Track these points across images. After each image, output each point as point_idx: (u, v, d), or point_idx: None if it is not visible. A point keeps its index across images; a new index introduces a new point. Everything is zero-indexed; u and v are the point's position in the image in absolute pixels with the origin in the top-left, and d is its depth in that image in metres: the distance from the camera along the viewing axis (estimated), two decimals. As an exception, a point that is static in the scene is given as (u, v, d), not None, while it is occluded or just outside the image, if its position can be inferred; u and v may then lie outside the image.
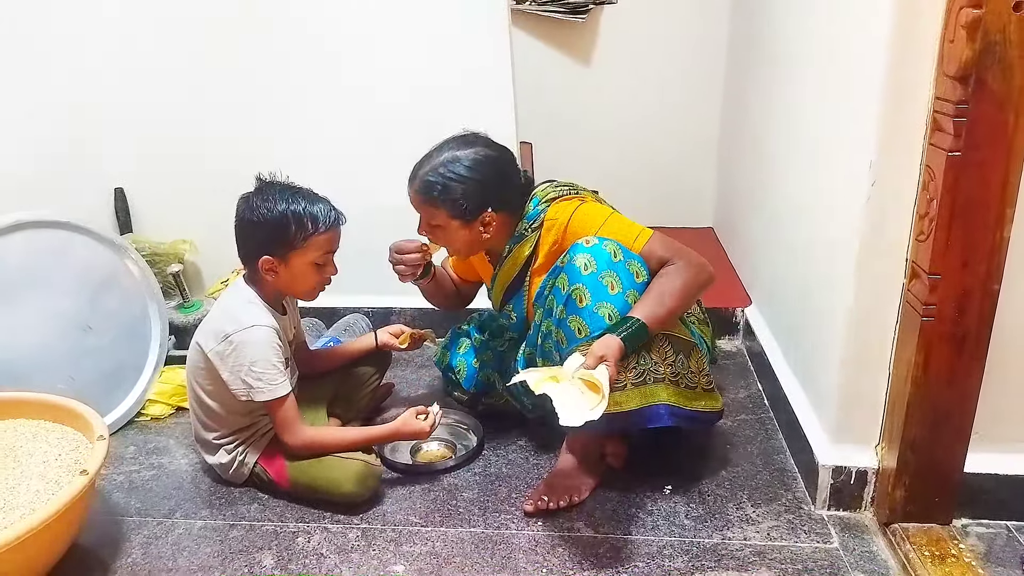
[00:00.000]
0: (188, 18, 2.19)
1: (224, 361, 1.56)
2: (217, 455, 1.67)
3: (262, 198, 1.57)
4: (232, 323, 1.57)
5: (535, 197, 1.68)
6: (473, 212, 1.61)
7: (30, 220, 1.82)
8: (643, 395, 1.53)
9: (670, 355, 1.55)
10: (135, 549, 1.52)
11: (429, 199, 1.60)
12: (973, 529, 1.47)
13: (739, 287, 2.42)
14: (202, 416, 1.67)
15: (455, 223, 1.62)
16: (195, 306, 2.24)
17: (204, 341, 1.60)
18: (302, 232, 1.56)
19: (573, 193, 1.69)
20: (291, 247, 1.56)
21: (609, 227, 1.58)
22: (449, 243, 1.68)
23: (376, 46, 2.17)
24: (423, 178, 1.60)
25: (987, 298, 1.30)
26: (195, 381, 1.65)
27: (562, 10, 2.85)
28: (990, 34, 1.15)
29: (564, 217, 1.62)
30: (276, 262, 1.58)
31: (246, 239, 1.60)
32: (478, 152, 1.61)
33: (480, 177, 1.59)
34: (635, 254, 1.55)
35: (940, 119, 1.25)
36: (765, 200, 2.20)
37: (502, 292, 1.76)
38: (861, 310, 1.44)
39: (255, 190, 1.60)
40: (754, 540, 1.48)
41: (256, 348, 1.55)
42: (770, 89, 2.17)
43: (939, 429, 1.40)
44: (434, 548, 1.49)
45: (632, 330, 1.46)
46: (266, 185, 1.60)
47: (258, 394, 1.55)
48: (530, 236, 1.66)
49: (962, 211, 1.25)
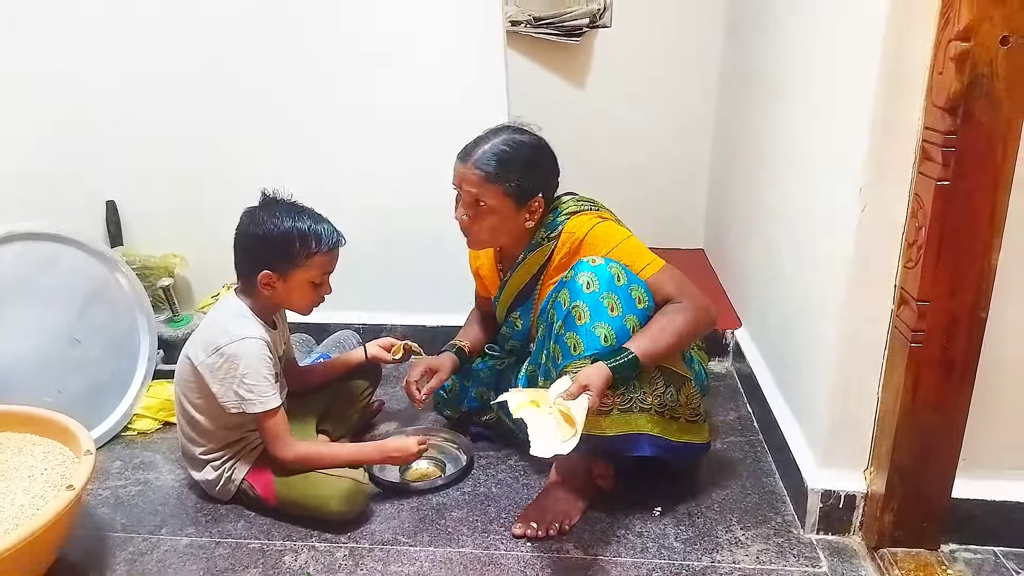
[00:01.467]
0: (182, 32, 2.20)
1: (214, 374, 1.55)
2: (204, 471, 1.66)
3: (268, 213, 1.58)
4: (223, 335, 1.56)
5: (556, 208, 1.68)
6: (526, 195, 1.61)
7: (21, 232, 1.81)
8: (627, 423, 1.54)
9: (660, 387, 1.56)
10: (120, 565, 1.51)
11: (488, 175, 1.57)
12: (961, 555, 1.48)
13: (729, 309, 2.44)
14: (189, 431, 1.66)
15: (508, 204, 1.60)
16: (185, 320, 2.23)
17: (194, 354, 1.59)
18: (305, 250, 1.57)
19: (593, 209, 1.69)
20: (293, 264, 1.58)
21: (622, 250, 1.59)
22: (491, 227, 1.63)
23: (372, 65, 2.18)
24: (486, 153, 1.57)
25: (975, 325, 1.32)
26: (183, 395, 1.64)
27: (557, 33, 2.88)
28: (978, 67, 1.18)
29: (581, 232, 1.62)
30: (276, 277, 1.58)
31: (248, 252, 1.60)
32: (537, 137, 1.63)
33: (540, 160, 1.61)
34: (641, 280, 1.55)
35: (929, 148, 1.27)
36: (756, 223, 2.22)
37: (510, 299, 1.76)
38: (850, 335, 1.45)
39: (261, 204, 1.61)
40: (743, 563, 1.48)
41: (248, 360, 1.54)
42: (762, 114, 2.19)
43: (927, 454, 1.41)
44: (422, 568, 1.48)
45: (623, 362, 1.47)
46: (272, 201, 1.61)
47: (250, 406, 1.55)
48: (546, 245, 1.67)
49: (950, 239, 1.27)
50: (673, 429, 1.58)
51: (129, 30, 2.21)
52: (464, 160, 1.60)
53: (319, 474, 1.59)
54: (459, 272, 2.18)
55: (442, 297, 2.34)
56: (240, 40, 2.20)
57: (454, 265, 2.20)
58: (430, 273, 2.33)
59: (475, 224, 1.64)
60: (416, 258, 2.32)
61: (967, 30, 1.16)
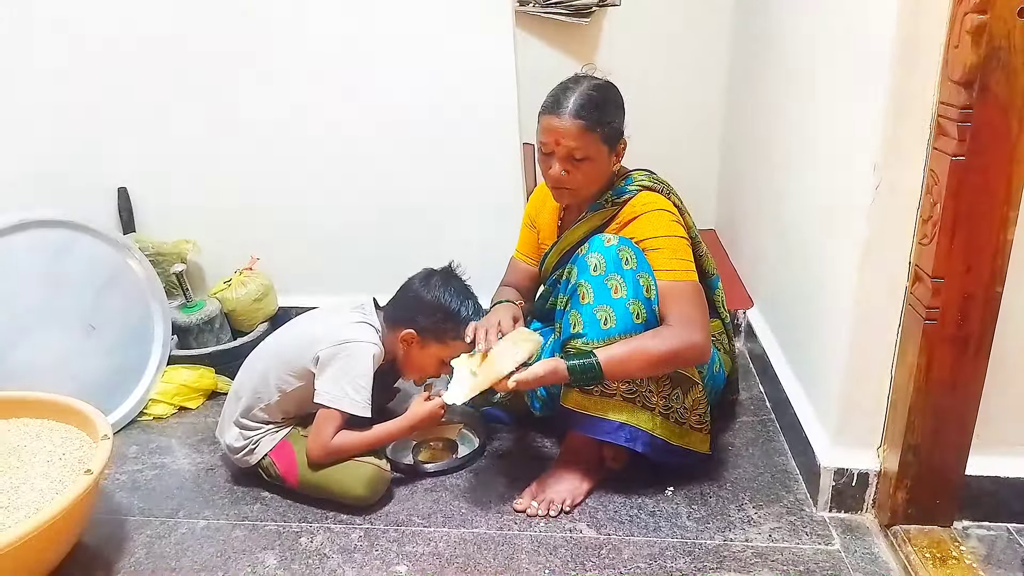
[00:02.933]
0: (192, 19, 2.19)
1: (331, 363, 1.59)
2: (233, 436, 1.67)
3: (444, 285, 1.69)
4: (352, 333, 1.62)
5: (629, 177, 1.65)
6: (617, 138, 1.58)
7: (35, 219, 1.83)
8: (629, 413, 1.55)
9: (666, 387, 1.56)
10: (138, 549, 1.53)
11: (588, 123, 1.51)
12: (974, 531, 1.48)
13: (741, 289, 2.43)
14: (246, 397, 1.66)
15: (604, 150, 1.55)
16: (198, 306, 2.24)
17: (320, 338, 1.61)
18: (454, 332, 1.64)
19: (665, 192, 1.65)
20: (437, 338, 1.66)
21: (660, 243, 1.55)
22: (587, 176, 1.57)
23: (380, 47, 2.17)
24: (578, 102, 1.51)
25: (990, 302, 1.31)
26: (271, 368, 1.65)
27: (566, 12, 2.85)
28: (995, 39, 1.16)
29: (642, 208, 1.59)
30: (417, 340, 1.66)
31: (407, 308, 1.68)
32: (607, 80, 1.60)
33: (619, 101, 1.59)
34: (651, 269, 1.53)
35: (944, 124, 1.25)
36: (768, 202, 2.21)
37: (561, 254, 1.73)
38: (864, 313, 1.44)
39: (442, 272, 1.73)
40: (756, 542, 1.49)
41: (366, 364, 1.60)
42: (774, 91, 2.17)
43: (941, 432, 1.40)
44: (437, 548, 1.49)
45: (583, 363, 1.48)
46: (452, 275, 1.73)
47: (348, 404, 1.57)
48: (608, 209, 1.63)
49: (965, 215, 1.25)
50: (675, 432, 1.59)
51: (137, 17, 2.20)
52: (557, 113, 1.51)
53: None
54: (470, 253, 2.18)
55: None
56: (248, 24, 2.19)
57: (465, 247, 2.19)
58: (440, 253, 2.31)
59: (572, 178, 1.56)
60: (426, 239, 2.32)
61: (983, 2, 1.14)
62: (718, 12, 2.85)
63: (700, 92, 2.97)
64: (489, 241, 2.10)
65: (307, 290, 2.40)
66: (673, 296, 1.52)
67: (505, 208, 2.24)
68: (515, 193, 2.28)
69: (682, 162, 3.04)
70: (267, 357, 1.69)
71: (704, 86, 2.96)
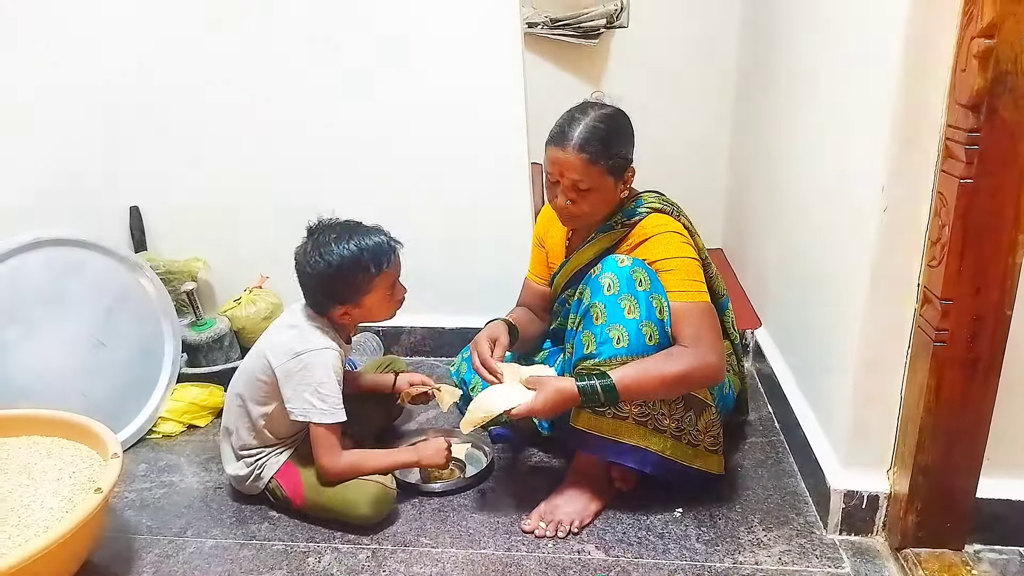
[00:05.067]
0: (206, 38, 2.22)
1: (290, 378, 1.58)
2: (236, 466, 1.68)
3: (319, 251, 1.56)
4: (302, 343, 1.59)
5: (639, 199, 1.66)
6: (624, 167, 1.58)
7: (48, 238, 1.85)
8: (641, 435, 1.55)
9: (679, 410, 1.56)
10: (147, 568, 1.53)
11: (592, 156, 1.52)
12: (986, 555, 1.47)
13: (749, 309, 2.43)
14: (236, 426, 1.67)
15: (610, 181, 1.56)
16: (208, 324, 2.25)
17: (275, 357, 1.60)
18: (367, 276, 1.58)
19: (675, 215, 1.65)
20: (361, 292, 1.60)
21: (672, 265, 1.55)
22: (592, 205, 1.59)
23: (390, 68, 2.19)
24: (583, 136, 1.52)
25: (999, 323, 1.31)
26: (246, 392, 1.65)
27: (574, 34, 2.88)
28: (1002, 63, 1.17)
29: (652, 231, 1.60)
30: (349, 308, 1.62)
31: (312, 291, 1.62)
32: (616, 108, 1.60)
33: (627, 130, 1.59)
34: (664, 291, 1.53)
35: (952, 147, 1.26)
36: (776, 223, 2.21)
37: (570, 275, 1.73)
38: (873, 335, 1.44)
39: (310, 240, 1.60)
40: (766, 564, 1.48)
41: (325, 370, 1.57)
42: (781, 112, 2.18)
43: (951, 454, 1.40)
44: (444, 569, 1.49)
45: (597, 385, 1.48)
46: (319, 234, 1.59)
47: (318, 415, 1.56)
48: (618, 231, 1.64)
49: (974, 237, 1.26)
50: (689, 453, 1.59)
51: (154, 37, 2.23)
52: (561, 146, 1.53)
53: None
54: (479, 275, 2.19)
55: (461, 300, 2.35)
56: (260, 43, 2.22)
57: (473, 267, 2.20)
58: (449, 274, 2.34)
59: (577, 206, 1.58)
60: (435, 259, 2.34)
61: (990, 27, 1.15)
62: (725, 34, 2.87)
63: (707, 112, 2.99)
64: (502, 262, 2.11)
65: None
66: (686, 317, 1.52)
67: (514, 228, 2.26)
68: (524, 213, 2.29)
69: (689, 181, 3.06)
70: (239, 389, 1.68)
71: (711, 106, 2.98)
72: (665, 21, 2.92)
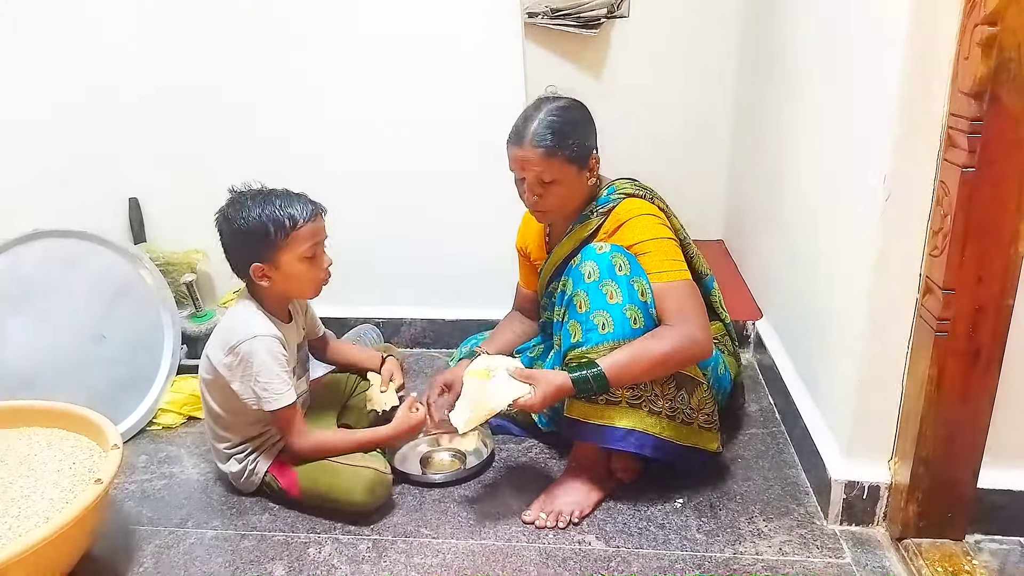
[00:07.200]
0: (205, 31, 2.21)
1: (233, 372, 1.57)
2: (228, 464, 1.68)
3: (236, 209, 1.57)
4: (235, 334, 1.58)
5: (612, 186, 1.67)
6: (585, 156, 1.59)
7: (47, 230, 1.85)
8: (635, 418, 1.55)
9: (671, 390, 1.56)
10: (147, 558, 1.53)
11: (549, 150, 1.54)
12: (986, 545, 1.47)
13: (750, 300, 2.42)
14: (213, 426, 1.68)
15: (572, 169, 1.57)
16: (208, 315, 2.25)
17: (213, 354, 1.61)
18: (282, 231, 1.55)
19: (648, 197, 1.67)
20: (275, 248, 1.56)
21: (650, 247, 1.56)
22: (560, 197, 1.61)
23: (390, 59, 2.19)
24: (538, 130, 1.54)
25: (1001, 313, 1.30)
26: (206, 391, 1.66)
27: (575, 24, 2.86)
28: (1005, 51, 1.16)
29: (626, 215, 1.61)
30: (266, 267, 1.58)
31: (231, 252, 1.61)
32: (572, 99, 1.62)
33: (586, 119, 1.61)
34: (645, 273, 1.54)
35: (954, 135, 1.25)
36: (777, 213, 2.20)
37: (552, 270, 1.75)
38: (874, 324, 1.44)
39: (229, 202, 1.60)
40: (766, 555, 1.48)
41: (261, 358, 1.55)
42: (782, 102, 2.17)
43: (952, 444, 1.39)
44: (445, 560, 1.49)
45: (588, 375, 1.48)
46: (239, 196, 1.60)
47: (266, 404, 1.56)
48: (593, 220, 1.65)
49: (976, 227, 1.25)
50: (683, 432, 1.58)
51: (153, 30, 2.22)
52: (519, 143, 1.56)
53: (341, 465, 1.60)
54: (478, 267, 2.18)
55: (461, 291, 2.35)
56: (260, 37, 2.21)
57: (474, 259, 2.20)
58: (449, 267, 2.34)
59: (545, 200, 1.60)
60: (435, 251, 2.33)
61: (993, 14, 1.15)
62: (726, 23, 2.85)
63: (708, 102, 2.97)
64: (503, 255, 2.10)
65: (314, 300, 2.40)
66: (668, 296, 1.53)
67: (515, 221, 2.25)
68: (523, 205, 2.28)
69: (690, 171, 3.06)
70: (201, 389, 1.69)
71: (712, 96, 2.96)
72: (666, 10, 2.90)
